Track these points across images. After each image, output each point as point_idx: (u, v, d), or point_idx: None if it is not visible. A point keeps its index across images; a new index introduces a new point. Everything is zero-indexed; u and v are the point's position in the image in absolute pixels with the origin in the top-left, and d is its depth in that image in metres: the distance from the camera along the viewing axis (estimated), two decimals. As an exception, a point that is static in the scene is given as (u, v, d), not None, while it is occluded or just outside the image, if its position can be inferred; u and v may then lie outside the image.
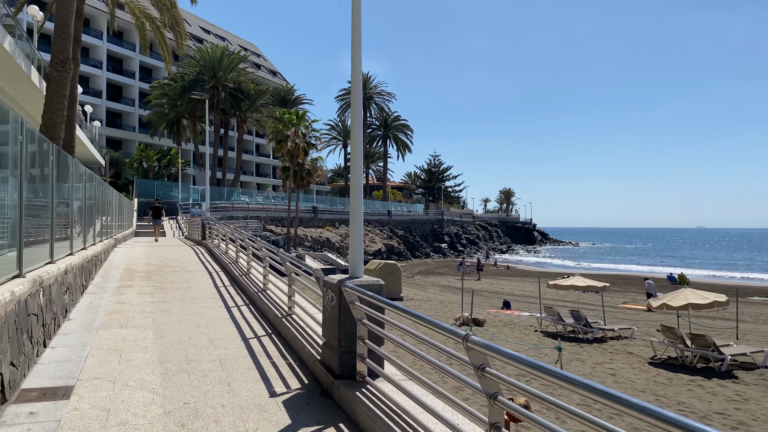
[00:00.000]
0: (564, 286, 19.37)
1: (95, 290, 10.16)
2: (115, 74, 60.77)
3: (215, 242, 18.26)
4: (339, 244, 57.48)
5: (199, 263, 14.63)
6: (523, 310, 24.84)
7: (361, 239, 5.41)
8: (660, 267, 68.92)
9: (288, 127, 42.92)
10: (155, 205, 24.77)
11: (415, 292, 30.25)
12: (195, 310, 8.63)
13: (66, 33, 13.17)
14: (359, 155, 5.47)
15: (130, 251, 17.71)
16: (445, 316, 20.51)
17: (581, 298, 29.88)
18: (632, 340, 16.64)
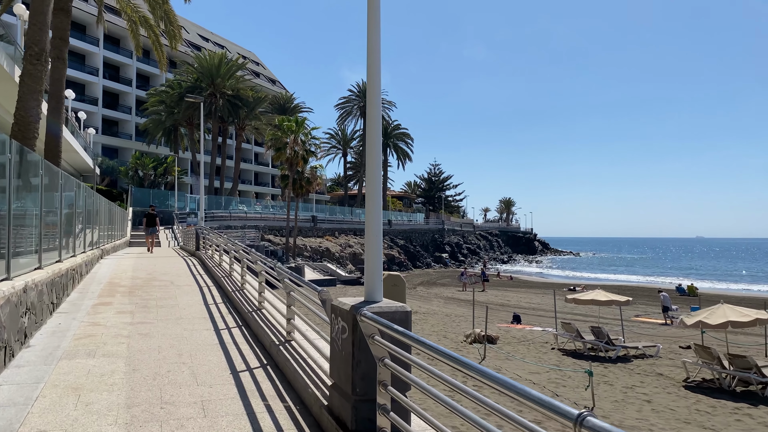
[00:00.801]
0: (584, 301, 18.21)
1: (68, 309, 8.98)
2: (112, 81, 59.81)
3: (209, 253, 17.10)
4: (339, 254, 56.27)
5: (189, 276, 13.46)
6: (534, 324, 23.65)
7: (380, 255, 4.27)
8: (663, 278, 67.73)
9: (287, 134, 41.92)
10: (149, 212, 23.26)
11: (419, 304, 29.03)
12: (179, 334, 7.45)
13: (42, 22, 12.09)
14: (377, 160, 4.35)
15: (117, 263, 16.53)
16: (454, 331, 19.31)
17: (591, 311, 28.68)
18: (658, 359, 15.46)
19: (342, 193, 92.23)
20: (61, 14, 18.00)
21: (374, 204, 4.28)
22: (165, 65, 21.35)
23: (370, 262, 4.26)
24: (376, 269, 4.26)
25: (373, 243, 4.25)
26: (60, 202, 10.04)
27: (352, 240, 62.05)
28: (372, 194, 4.30)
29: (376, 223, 4.27)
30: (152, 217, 22.88)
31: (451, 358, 2.82)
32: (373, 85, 4.37)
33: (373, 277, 4.25)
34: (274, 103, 69.51)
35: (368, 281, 4.26)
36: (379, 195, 4.29)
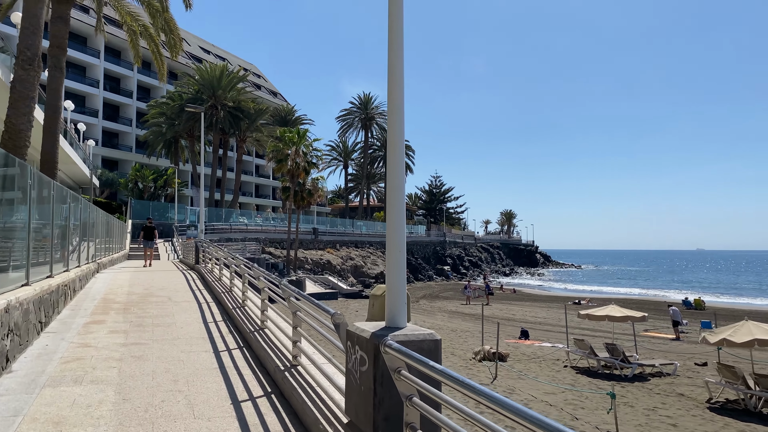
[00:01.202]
0: (598, 317, 17.61)
1: (58, 328, 8.42)
2: (112, 93, 59.56)
3: (208, 267, 16.55)
4: (340, 266, 55.63)
5: (188, 292, 12.89)
6: (542, 339, 23.01)
7: (403, 273, 3.74)
8: (665, 291, 66.98)
9: (288, 145, 41.52)
10: (147, 225, 22.42)
11: (422, 319, 28.40)
12: (175, 356, 6.89)
13: (35, 26, 11.65)
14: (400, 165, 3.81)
15: (113, 277, 15.97)
16: (461, 348, 18.68)
17: (600, 326, 28.05)
18: (676, 377, 14.84)
19: (343, 205, 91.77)
20: (60, 22, 17.62)
21: (396, 214, 3.75)
22: (165, 75, 20.94)
23: (393, 281, 3.72)
24: (398, 289, 3.72)
25: (396, 259, 3.72)
26: (51, 213, 9.52)
27: (353, 252, 61.44)
28: (394, 202, 3.77)
29: (399, 236, 3.74)
30: (150, 230, 22.12)
31: (503, 405, 2.27)
32: (395, 76, 3.85)
33: (396, 299, 3.71)
34: (276, 115, 69.26)
35: (390, 303, 3.72)
36: (401, 204, 3.76)
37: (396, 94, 3.81)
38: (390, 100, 3.83)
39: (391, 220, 3.75)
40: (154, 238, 22.08)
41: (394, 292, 3.71)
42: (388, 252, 3.75)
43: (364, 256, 62.59)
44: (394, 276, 3.71)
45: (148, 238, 21.92)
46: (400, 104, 3.79)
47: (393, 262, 3.72)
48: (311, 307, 5.33)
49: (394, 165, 3.76)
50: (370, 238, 69.18)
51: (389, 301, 3.73)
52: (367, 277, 57.51)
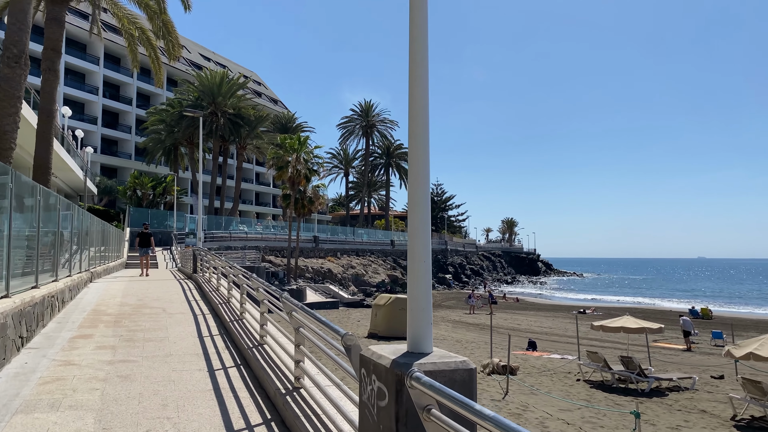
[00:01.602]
0: (612, 328, 16.96)
1: (41, 343, 7.80)
2: (112, 100, 59.21)
3: (206, 276, 15.94)
4: (341, 275, 54.98)
5: (184, 303, 12.27)
6: (551, 350, 22.34)
7: (429, 289, 3.14)
8: (669, 300, 66.26)
9: (289, 152, 41.02)
10: (142, 231, 21.29)
11: (426, 329, 27.73)
12: (166, 375, 6.28)
13: (21, 21, 11.12)
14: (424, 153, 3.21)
15: (107, 287, 15.35)
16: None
17: (607, 336, 27.39)
18: (695, 392, 14.18)
19: (344, 213, 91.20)
20: (54, 24, 17.15)
21: (420, 219, 3.15)
22: (163, 78, 20.45)
23: (416, 297, 3.11)
24: (423, 307, 3.11)
25: (419, 271, 3.11)
26: (37, 220, 8.94)
27: (354, 261, 60.80)
28: (417, 206, 3.16)
29: (423, 244, 3.13)
30: (146, 237, 21.04)
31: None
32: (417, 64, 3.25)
33: (420, 319, 3.10)
34: (276, 123, 68.86)
35: (413, 324, 3.11)
36: (425, 208, 3.16)
37: (418, 82, 3.23)
38: (411, 95, 3.24)
39: (414, 226, 3.15)
40: (151, 245, 21.18)
41: (418, 310, 3.10)
42: (410, 263, 3.15)
43: (365, 264, 61.93)
44: (417, 291, 3.11)
45: (144, 245, 21.01)
46: (424, 98, 3.21)
47: (416, 275, 3.12)
48: (316, 324, 4.73)
49: (417, 162, 3.17)
50: (371, 246, 68.58)
51: (412, 320, 3.12)
52: (368, 285, 56.85)
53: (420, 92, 3.22)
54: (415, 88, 3.24)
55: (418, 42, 3.24)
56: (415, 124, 3.18)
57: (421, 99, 3.21)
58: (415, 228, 3.14)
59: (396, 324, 23.19)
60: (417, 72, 3.24)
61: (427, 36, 3.24)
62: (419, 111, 3.19)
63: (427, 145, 3.17)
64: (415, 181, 3.16)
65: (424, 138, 3.18)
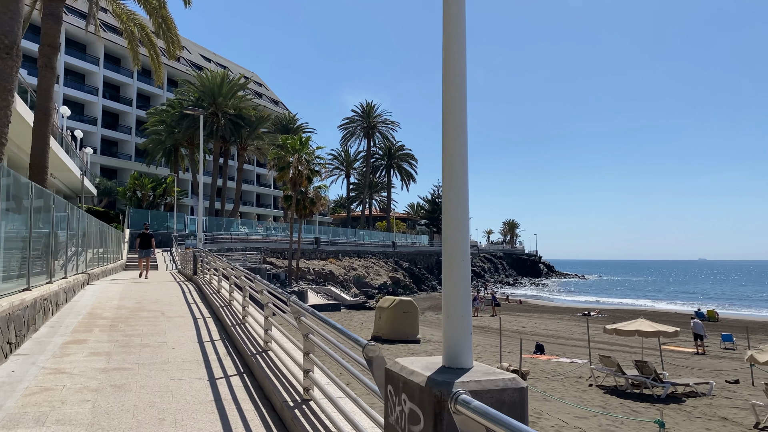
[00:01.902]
0: (627, 332, 16.48)
1: (31, 349, 7.35)
2: (112, 101, 58.82)
3: (206, 278, 15.49)
4: (342, 277, 54.51)
5: (183, 306, 11.81)
6: (558, 354, 21.86)
7: (469, 294, 2.68)
8: (671, 302, 65.75)
9: (291, 153, 40.58)
10: (143, 232, 20.62)
11: (431, 332, 27.22)
12: (164, 385, 5.82)
13: (13, 11, 10.68)
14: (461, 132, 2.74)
15: (104, 289, 14.89)
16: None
17: (614, 339, 26.90)
18: (713, 398, 13.71)
19: (345, 214, 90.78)
20: (51, 20, 16.71)
21: (457, 214, 2.67)
22: (162, 76, 20.00)
23: (454, 304, 2.65)
24: (462, 315, 2.65)
25: (458, 275, 2.65)
26: (29, 220, 8.49)
27: (356, 263, 60.32)
28: (454, 197, 2.69)
29: (461, 243, 2.66)
30: (147, 238, 20.44)
31: None
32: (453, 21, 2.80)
33: (458, 329, 2.64)
34: (277, 124, 68.47)
35: (451, 335, 2.66)
36: (464, 200, 2.69)
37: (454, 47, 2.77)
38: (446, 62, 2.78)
39: (450, 219, 2.68)
40: (152, 246, 20.62)
41: (456, 317, 2.64)
42: (446, 264, 2.69)
43: (367, 266, 61.45)
44: (455, 296, 2.65)
45: (145, 246, 20.44)
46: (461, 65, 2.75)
47: (453, 278, 2.65)
48: (328, 330, 4.26)
49: (452, 139, 2.70)
50: (372, 248, 68.13)
51: (449, 330, 2.66)
52: (369, 287, 56.38)
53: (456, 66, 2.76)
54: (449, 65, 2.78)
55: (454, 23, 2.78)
56: (450, 98, 2.73)
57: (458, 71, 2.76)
58: (451, 222, 2.68)
59: (400, 327, 22.74)
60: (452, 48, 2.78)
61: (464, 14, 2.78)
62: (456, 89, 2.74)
63: (464, 117, 2.71)
64: (450, 160, 2.69)
65: (461, 109, 2.72)
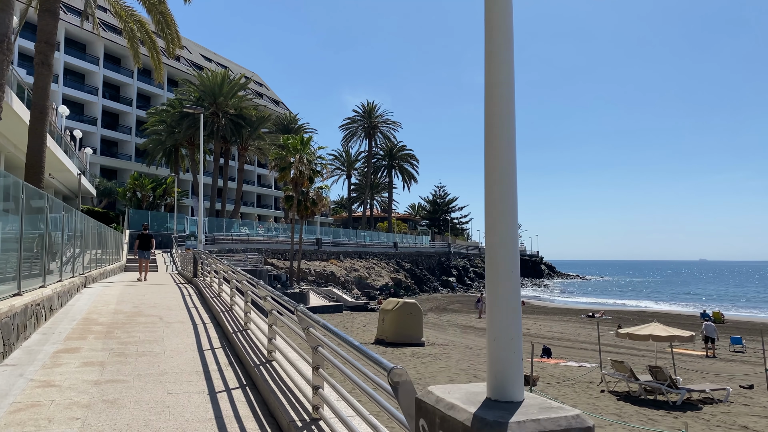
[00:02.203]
0: (640, 336, 16.04)
1: (20, 359, 6.92)
2: (112, 101, 58.45)
3: (207, 281, 15.07)
4: (344, 278, 54.09)
5: (183, 310, 11.39)
6: (566, 357, 21.42)
7: (518, 306, 2.25)
8: (676, 303, 65.26)
9: (292, 153, 40.17)
10: (142, 233, 19.83)
11: (435, 334, 26.82)
12: (160, 399, 5.40)
13: (4, 2, 10.30)
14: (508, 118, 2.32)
15: (101, 293, 14.46)
16: (484, 369, 17.07)
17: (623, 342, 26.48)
18: (730, 405, 13.28)
19: (346, 215, 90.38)
20: (48, 16, 16.34)
21: (505, 203, 2.25)
22: (162, 73, 19.58)
23: (502, 324, 2.22)
24: (512, 337, 2.22)
25: (507, 286, 2.22)
26: (21, 222, 8.07)
27: (357, 263, 59.90)
28: (501, 196, 2.26)
29: (510, 246, 2.24)
30: (146, 238, 19.67)
31: None
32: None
33: (508, 354, 2.21)
34: (278, 124, 68.08)
35: (498, 361, 2.22)
36: (512, 197, 2.26)
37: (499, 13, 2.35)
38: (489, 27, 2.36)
39: (498, 227, 2.24)
40: (151, 248, 19.94)
41: (505, 340, 2.21)
42: (492, 278, 2.25)
43: (369, 267, 61.02)
44: (503, 313, 2.22)
45: (144, 247, 19.75)
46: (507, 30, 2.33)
47: (503, 293, 2.22)
48: (339, 343, 3.83)
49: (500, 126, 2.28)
50: (374, 248, 67.70)
51: (495, 355, 2.23)
52: (371, 288, 55.97)
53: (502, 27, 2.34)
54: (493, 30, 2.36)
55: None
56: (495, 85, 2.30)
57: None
58: (496, 226, 2.24)
59: (404, 330, 22.31)
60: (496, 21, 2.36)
61: None
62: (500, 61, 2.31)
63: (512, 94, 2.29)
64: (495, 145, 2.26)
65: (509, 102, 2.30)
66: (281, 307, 5.94)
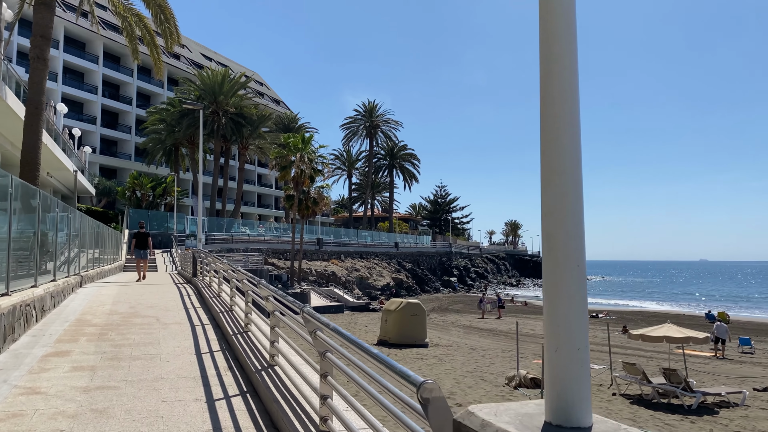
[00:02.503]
0: (654, 338, 15.60)
1: (6, 363, 6.50)
2: (112, 100, 58.03)
3: (206, 281, 14.65)
4: (345, 278, 53.67)
5: (181, 311, 10.96)
6: (573, 359, 21.01)
7: (585, 311, 1.82)
8: (680, 304, 64.81)
9: (293, 152, 39.76)
10: (138, 231, 18.81)
11: (438, 335, 26.39)
12: (153, 408, 4.98)
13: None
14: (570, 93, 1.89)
15: (97, 293, 14.05)
16: (490, 371, 16.68)
17: (629, 343, 26.04)
18: (746, 408, 12.85)
19: (346, 215, 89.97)
20: (43, 9, 15.93)
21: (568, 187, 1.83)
22: (162, 69, 19.14)
23: (565, 331, 1.79)
24: (579, 348, 1.80)
25: (571, 286, 1.79)
26: (9, 219, 7.66)
27: (358, 263, 59.47)
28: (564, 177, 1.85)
29: (576, 240, 1.81)
30: (143, 237, 18.68)
31: None
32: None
33: (573, 370, 1.78)
34: (279, 123, 67.66)
35: (560, 378, 1.79)
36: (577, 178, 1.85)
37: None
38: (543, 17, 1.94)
39: (559, 216, 1.82)
40: (148, 247, 18.98)
41: (571, 353, 1.78)
42: (551, 275, 1.83)
43: (370, 267, 60.58)
44: (569, 321, 1.79)
45: (141, 246, 18.80)
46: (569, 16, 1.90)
47: (566, 293, 1.79)
48: (352, 350, 3.41)
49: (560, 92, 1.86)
50: (375, 248, 67.28)
51: (558, 370, 1.80)
52: (372, 289, 55.56)
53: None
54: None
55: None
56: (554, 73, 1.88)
57: None
58: (557, 215, 1.82)
59: (407, 330, 21.90)
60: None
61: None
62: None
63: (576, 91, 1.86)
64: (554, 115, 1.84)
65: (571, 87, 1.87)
66: (284, 308, 5.52)
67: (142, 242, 18.80)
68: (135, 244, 18.86)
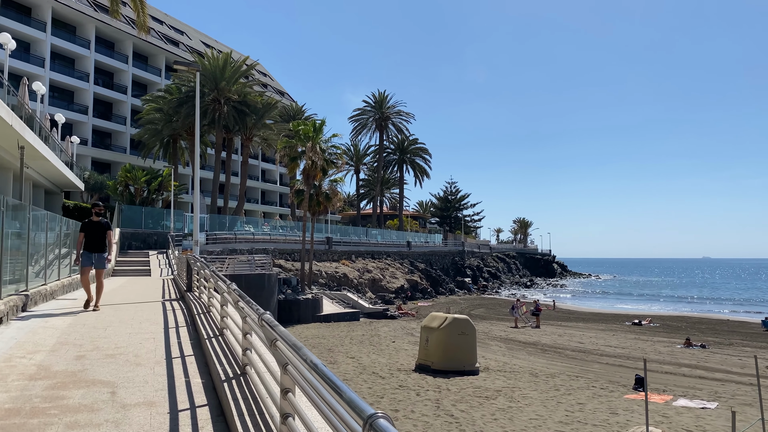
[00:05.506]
0: None
1: None
2: (105, 88, 53.85)
3: (203, 299, 10.45)
4: (357, 280, 49.52)
5: (160, 364, 6.68)
6: (667, 389, 16.75)
7: None
8: (718, 307, 60.48)
9: (303, 141, 35.53)
10: (89, 220, 11.47)
11: (480, 353, 22.10)
12: None
13: None
14: None
15: (38, 327, 9.71)
16: (587, 419, 12.45)
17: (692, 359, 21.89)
18: None
19: (353, 212, 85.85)
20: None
21: None
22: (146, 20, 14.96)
23: None
24: None
25: None
26: None
27: (370, 264, 55.30)
28: None
29: None
30: (96, 230, 11.36)
31: None
32: None
33: None
34: (284, 115, 63.49)
35: None
36: None
37: None
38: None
39: None
40: (105, 247, 11.47)
41: None
42: None
43: (382, 268, 56.38)
44: None
45: (93, 247, 11.33)
46: None
47: None
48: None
49: None
50: (386, 248, 63.19)
51: None
52: (386, 291, 51.46)
53: None
54: None
55: None
56: None
57: None
58: None
59: (455, 353, 17.67)
60: None
61: None
62: None
63: None
64: None
65: None
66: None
67: (94, 239, 11.33)
68: (84, 242, 11.29)
